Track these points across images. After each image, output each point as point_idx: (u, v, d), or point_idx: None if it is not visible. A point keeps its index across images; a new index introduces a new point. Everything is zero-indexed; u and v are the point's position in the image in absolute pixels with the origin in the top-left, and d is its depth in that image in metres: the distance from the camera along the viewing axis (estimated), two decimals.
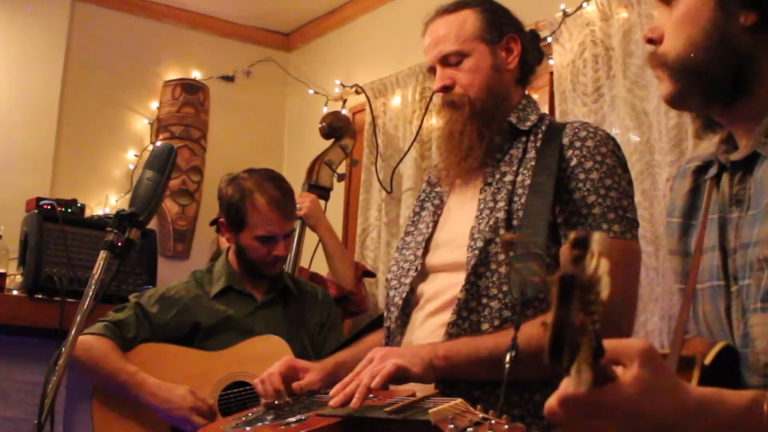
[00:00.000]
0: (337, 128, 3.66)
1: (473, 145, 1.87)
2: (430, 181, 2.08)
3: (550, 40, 3.18)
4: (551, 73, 3.24)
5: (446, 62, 1.92)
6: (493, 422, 1.23)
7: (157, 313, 2.61)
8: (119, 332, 2.55)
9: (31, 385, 3.20)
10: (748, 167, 1.24)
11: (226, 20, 4.86)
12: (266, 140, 4.94)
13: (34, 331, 3.26)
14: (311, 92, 4.64)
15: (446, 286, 1.82)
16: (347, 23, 4.62)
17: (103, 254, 1.77)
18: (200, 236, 4.49)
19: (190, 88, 4.59)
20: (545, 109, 3.23)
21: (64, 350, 1.68)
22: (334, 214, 3.82)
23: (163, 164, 1.87)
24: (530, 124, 1.90)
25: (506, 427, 1.22)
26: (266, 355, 2.45)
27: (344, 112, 4.25)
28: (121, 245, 1.78)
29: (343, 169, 3.68)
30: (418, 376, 1.67)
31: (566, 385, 0.95)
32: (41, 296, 3.32)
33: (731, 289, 1.23)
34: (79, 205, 3.59)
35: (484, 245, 1.76)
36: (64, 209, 3.47)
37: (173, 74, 4.66)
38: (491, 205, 1.81)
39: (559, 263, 1.71)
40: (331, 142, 3.67)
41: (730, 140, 1.30)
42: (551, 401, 0.97)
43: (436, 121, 3.60)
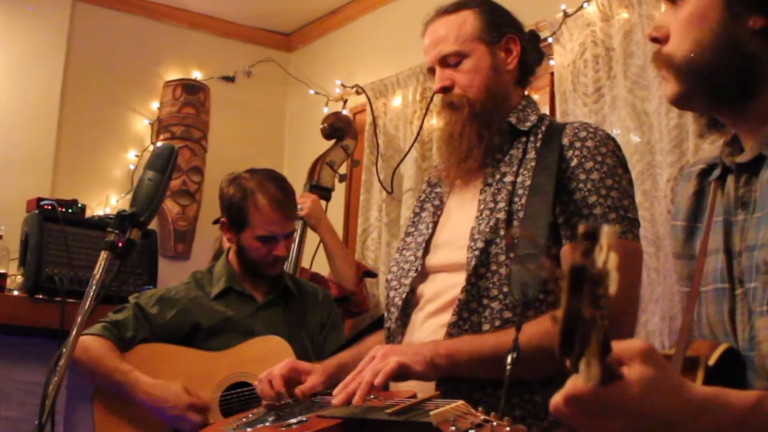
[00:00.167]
0: (338, 129, 3.67)
1: (472, 145, 1.87)
2: (430, 181, 2.07)
3: (550, 40, 3.18)
4: (552, 73, 3.24)
5: (445, 63, 1.91)
6: (494, 424, 1.22)
7: (156, 313, 2.61)
8: (118, 333, 2.55)
9: (31, 385, 3.20)
10: (753, 170, 1.23)
11: (226, 20, 4.86)
12: (267, 141, 4.94)
13: (34, 331, 3.26)
14: (312, 93, 4.64)
15: (446, 286, 1.81)
16: (348, 23, 4.62)
17: (103, 254, 1.77)
18: (201, 237, 4.49)
19: (190, 88, 4.59)
20: (546, 109, 3.23)
21: (64, 350, 1.68)
22: (334, 214, 3.82)
23: (164, 164, 1.86)
24: (530, 124, 1.90)
25: (508, 429, 1.22)
26: (267, 355, 2.45)
27: (345, 112, 4.24)
28: (121, 246, 1.78)
29: (344, 169, 3.69)
30: (419, 373, 1.66)
31: (572, 382, 0.95)
32: (42, 296, 3.32)
33: (736, 292, 1.22)
34: (79, 205, 3.59)
35: (484, 246, 1.76)
36: (64, 209, 3.46)
37: (174, 74, 4.65)
38: (491, 205, 1.81)
39: (559, 264, 1.73)
40: (332, 142, 3.67)
41: (735, 142, 1.29)
42: (557, 399, 0.97)
43: (436, 121, 3.60)
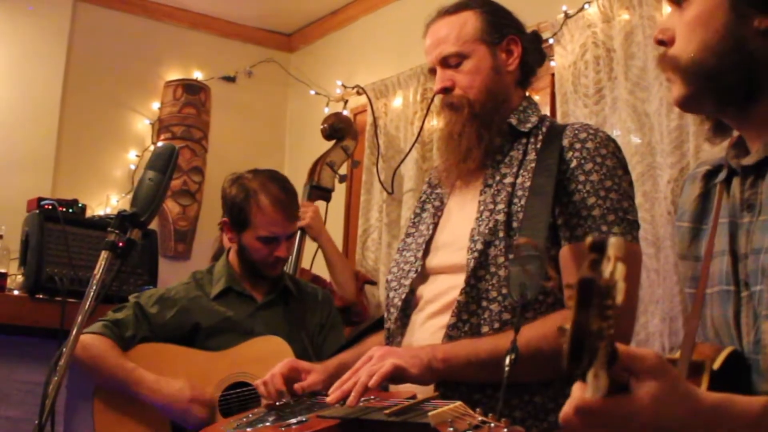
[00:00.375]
0: (338, 129, 3.67)
1: (472, 146, 1.86)
2: (431, 182, 2.07)
3: (551, 41, 3.18)
4: (552, 74, 3.24)
5: (446, 64, 1.91)
6: (492, 425, 1.23)
7: (156, 313, 2.61)
8: (118, 331, 2.55)
9: (31, 385, 3.20)
10: (759, 172, 1.23)
11: (227, 21, 4.87)
12: (267, 141, 4.95)
13: (34, 331, 3.26)
14: (313, 93, 4.64)
15: (447, 288, 1.81)
16: (349, 24, 4.63)
17: (104, 254, 1.77)
18: (201, 237, 4.49)
19: (191, 88, 4.59)
20: (546, 110, 3.23)
21: (65, 350, 1.68)
22: (335, 215, 3.82)
23: (164, 165, 1.86)
24: (530, 125, 1.89)
25: (505, 430, 1.22)
26: (267, 355, 2.45)
27: (345, 113, 4.25)
28: (122, 246, 1.78)
29: (344, 170, 3.69)
30: (415, 377, 1.66)
31: (580, 391, 0.95)
32: (42, 296, 3.32)
33: (741, 294, 1.21)
34: (80, 205, 3.59)
35: (483, 248, 1.76)
36: (65, 209, 3.46)
37: (175, 74, 4.66)
38: (491, 207, 1.81)
39: (558, 265, 1.73)
40: (332, 143, 3.67)
41: (740, 144, 1.28)
42: (567, 409, 0.97)
43: (437, 122, 3.60)
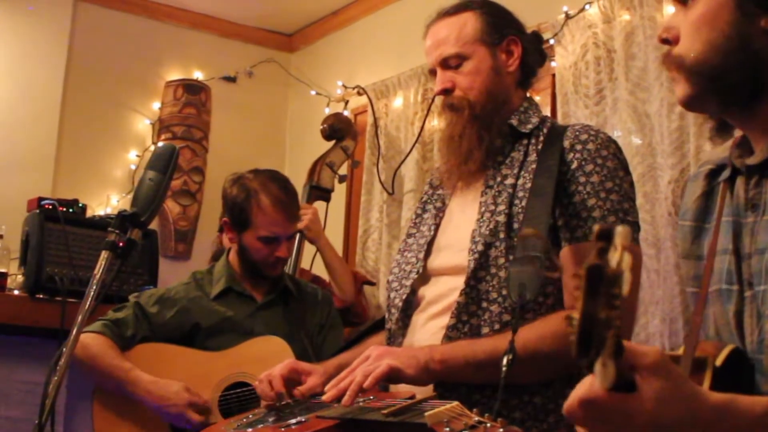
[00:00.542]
0: (338, 129, 3.67)
1: (472, 147, 1.86)
2: (432, 183, 2.07)
3: (552, 42, 3.18)
4: (553, 75, 3.24)
5: (446, 65, 1.90)
6: (488, 425, 1.22)
7: (156, 313, 2.61)
8: (117, 331, 2.55)
9: (31, 385, 3.20)
10: (764, 172, 1.22)
11: (228, 21, 4.87)
12: (268, 141, 4.95)
13: (35, 331, 3.26)
14: (313, 93, 4.64)
15: (449, 289, 1.81)
16: (349, 24, 4.63)
17: (104, 254, 1.77)
18: (201, 237, 4.49)
19: (191, 88, 4.59)
20: (547, 111, 3.23)
21: (65, 350, 1.68)
22: (335, 215, 3.83)
23: (165, 165, 1.87)
24: (531, 126, 1.89)
25: (501, 430, 1.22)
26: (267, 356, 2.45)
27: (346, 113, 4.25)
28: (122, 245, 1.78)
29: (344, 170, 3.69)
30: (411, 377, 1.66)
31: (586, 385, 0.95)
32: (42, 296, 3.32)
33: (744, 294, 1.21)
34: (80, 205, 3.59)
35: (484, 249, 1.76)
36: (65, 209, 3.47)
37: (175, 75, 4.66)
38: (492, 208, 1.81)
39: (557, 266, 1.73)
40: (332, 143, 3.67)
41: (744, 144, 1.28)
42: (571, 401, 0.97)
43: (437, 122, 3.60)
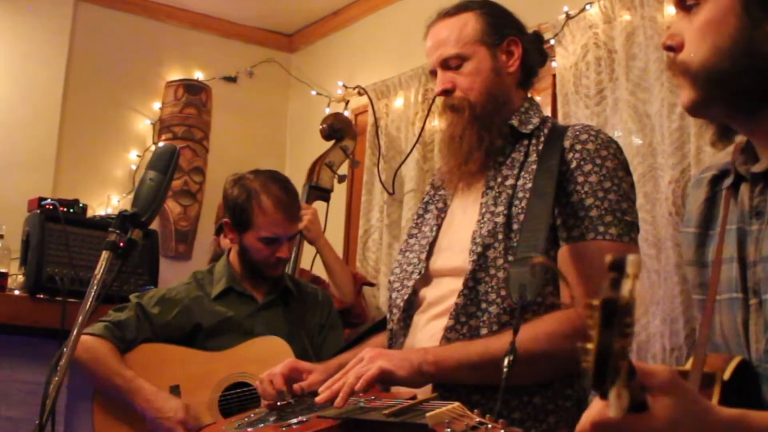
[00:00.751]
0: (337, 129, 3.67)
1: (473, 148, 1.86)
2: (434, 183, 2.07)
3: (552, 42, 3.18)
4: (554, 75, 3.24)
5: (447, 66, 1.90)
6: (489, 426, 1.22)
7: (158, 313, 2.61)
8: (119, 333, 2.55)
9: (32, 385, 3.19)
10: None
11: (228, 21, 4.87)
12: (268, 141, 4.95)
13: (35, 331, 3.26)
14: (314, 93, 4.64)
15: (450, 291, 1.80)
16: (350, 24, 4.63)
17: (105, 254, 1.76)
18: (202, 237, 4.49)
19: (192, 88, 4.60)
20: (547, 111, 3.23)
21: (65, 351, 1.68)
22: (335, 215, 3.82)
23: (165, 165, 1.86)
24: (532, 127, 1.89)
25: (502, 431, 1.22)
26: (267, 356, 2.45)
27: (347, 113, 4.25)
28: (123, 246, 1.78)
29: (344, 170, 3.69)
30: (403, 379, 1.66)
31: (599, 408, 0.95)
32: (43, 296, 3.32)
33: (750, 302, 1.20)
34: (81, 205, 3.58)
35: (482, 250, 1.75)
36: (66, 209, 3.46)
37: (176, 75, 4.66)
38: (492, 209, 1.81)
39: (558, 266, 1.72)
40: (331, 143, 3.67)
41: (748, 150, 1.27)
42: (583, 424, 0.97)
43: (438, 123, 3.60)
